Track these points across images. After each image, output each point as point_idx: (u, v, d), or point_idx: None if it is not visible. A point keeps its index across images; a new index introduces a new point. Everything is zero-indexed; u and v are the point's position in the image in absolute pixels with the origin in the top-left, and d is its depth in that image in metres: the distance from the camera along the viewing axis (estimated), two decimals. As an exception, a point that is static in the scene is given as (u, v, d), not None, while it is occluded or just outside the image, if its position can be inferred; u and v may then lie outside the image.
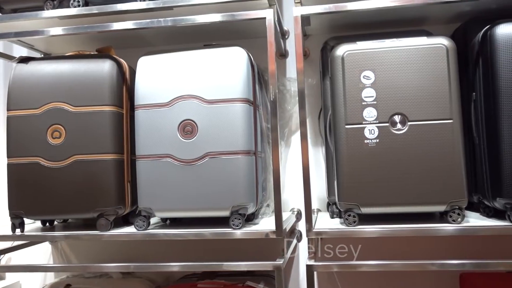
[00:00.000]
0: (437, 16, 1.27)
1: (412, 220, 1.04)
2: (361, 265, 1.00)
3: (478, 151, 1.06)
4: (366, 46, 1.02)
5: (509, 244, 1.29)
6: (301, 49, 1.04)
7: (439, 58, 0.99)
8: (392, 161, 0.99)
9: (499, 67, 0.97)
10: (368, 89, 1.01)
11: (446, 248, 1.33)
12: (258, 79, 1.18)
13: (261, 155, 1.16)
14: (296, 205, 1.41)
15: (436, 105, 0.99)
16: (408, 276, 1.35)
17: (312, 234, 1.02)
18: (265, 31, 1.05)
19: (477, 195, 1.09)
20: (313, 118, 1.39)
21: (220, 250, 1.39)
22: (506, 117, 0.96)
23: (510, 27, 0.97)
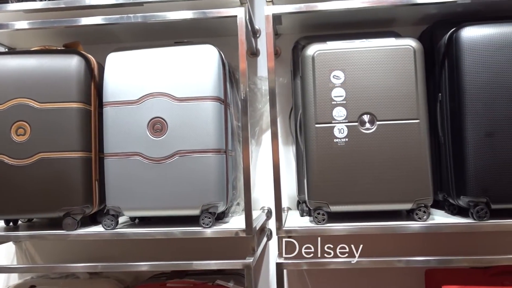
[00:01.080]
0: (405, 18, 1.30)
1: (380, 218, 1.06)
2: (329, 262, 1.01)
3: (443, 150, 1.09)
4: (336, 46, 1.03)
5: (472, 240, 1.32)
6: (272, 48, 1.05)
7: (407, 59, 1.01)
8: (361, 160, 1.00)
9: (464, 68, 0.99)
10: (337, 89, 1.02)
11: (413, 245, 1.36)
12: (229, 77, 1.17)
13: (232, 154, 1.16)
14: (267, 203, 1.41)
15: (403, 105, 1.01)
16: (376, 273, 1.38)
17: (282, 233, 1.03)
18: (237, 29, 1.05)
19: (442, 193, 1.12)
20: (283, 117, 1.40)
21: (190, 249, 1.38)
22: (470, 118, 0.99)
23: (475, 30, 1.00)
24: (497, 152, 0.97)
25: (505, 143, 0.97)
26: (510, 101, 0.97)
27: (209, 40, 1.11)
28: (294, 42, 1.26)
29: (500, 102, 0.98)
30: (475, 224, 0.98)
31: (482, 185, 0.97)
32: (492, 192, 0.97)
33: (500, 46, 0.98)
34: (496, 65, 0.98)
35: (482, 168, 0.98)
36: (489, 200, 0.98)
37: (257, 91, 1.39)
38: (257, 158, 1.42)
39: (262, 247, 1.30)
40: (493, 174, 0.97)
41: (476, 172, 0.98)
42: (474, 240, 1.33)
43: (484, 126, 0.98)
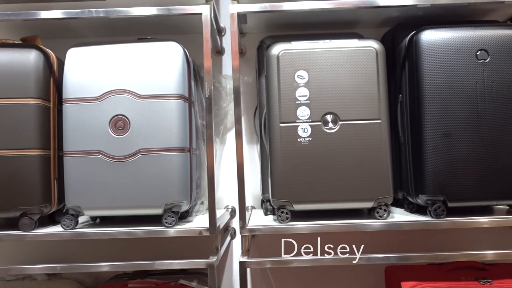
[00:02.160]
0: (368, 20, 1.33)
1: (343, 216, 1.07)
2: (292, 260, 1.02)
3: (403, 150, 1.12)
4: (300, 46, 1.04)
5: (430, 237, 1.37)
6: (237, 46, 1.05)
7: (369, 61, 1.03)
8: (324, 159, 1.02)
9: (423, 71, 1.02)
10: (302, 89, 1.03)
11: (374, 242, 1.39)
12: (194, 75, 1.16)
13: (196, 152, 1.15)
14: (231, 202, 1.41)
15: (365, 106, 1.03)
16: (338, 270, 1.40)
17: (245, 231, 1.03)
18: (202, 27, 1.04)
19: (402, 192, 1.15)
20: (248, 116, 1.40)
21: (153, 249, 1.36)
22: (429, 118, 1.02)
23: (434, 33, 1.03)
24: (454, 152, 1.01)
25: (461, 143, 1.01)
26: (465, 103, 1.01)
27: (174, 37, 1.09)
28: (259, 41, 1.26)
29: (456, 103, 1.01)
30: (433, 222, 1.02)
31: (439, 184, 1.01)
32: (449, 191, 1.01)
33: (457, 49, 1.02)
34: (453, 68, 1.01)
35: (439, 167, 1.01)
36: (446, 198, 1.01)
37: (221, 89, 1.39)
38: (221, 156, 1.41)
39: (226, 246, 1.30)
40: (449, 173, 1.01)
41: (433, 172, 1.01)
42: (432, 237, 1.37)
43: (442, 126, 1.01)
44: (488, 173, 1.01)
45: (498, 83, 1.01)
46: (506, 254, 1.04)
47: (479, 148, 1.01)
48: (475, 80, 1.01)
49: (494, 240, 1.40)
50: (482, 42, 1.02)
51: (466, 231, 1.39)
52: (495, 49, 1.02)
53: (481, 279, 1.05)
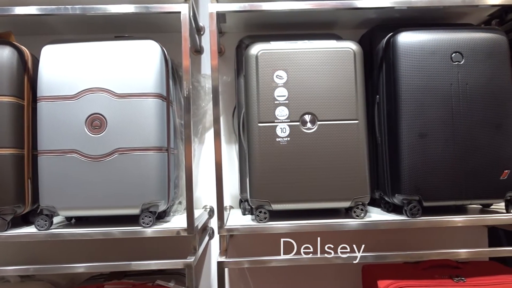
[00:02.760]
0: (346, 21, 1.34)
1: (321, 216, 1.08)
2: (271, 260, 1.02)
3: (380, 150, 1.13)
4: (279, 46, 1.05)
5: (406, 236, 1.39)
6: (216, 46, 1.04)
7: (347, 61, 1.04)
8: (302, 159, 1.02)
9: (400, 72, 1.04)
10: (280, 89, 1.03)
11: (352, 241, 1.41)
12: (172, 74, 1.15)
13: (174, 152, 1.14)
14: (209, 202, 1.41)
15: (343, 106, 1.04)
16: (315, 269, 1.41)
17: (223, 231, 1.02)
18: (180, 26, 1.03)
19: (379, 192, 1.16)
20: (227, 116, 1.40)
21: (130, 249, 1.35)
22: (405, 119, 1.03)
23: (411, 35, 1.05)
24: (429, 153, 1.02)
25: (436, 144, 1.02)
26: (440, 104, 1.03)
27: (152, 35, 1.08)
28: (238, 41, 1.26)
29: (432, 104, 1.03)
30: (409, 221, 1.03)
31: (415, 184, 1.02)
32: (424, 191, 1.02)
33: (432, 51, 1.03)
34: (428, 69, 1.03)
35: (415, 167, 1.02)
36: (421, 198, 1.03)
37: (200, 89, 1.38)
38: (199, 156, 1.41)
39: (204, 246, 1.29)
40: (425, 174, 1.02)
41: (409, 172, 1.02)
42: (408, 236, 1.39)
43: (418, 127, 1.03)
44: (462, 173, 1.03)
45: (472, 85, 1.04)
46: (479, 253, 1.07)
47: (454, 148, 1.03)
48: (450, 81, 1.03)
49: (468, 238, 1.43)
50: (456, 45, 1.04)
51: (440, 230, 1.41)
52: (469, 51, 1.04)
53: (455, 277, 1.08)
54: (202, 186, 1.41)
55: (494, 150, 1.04)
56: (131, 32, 1.31)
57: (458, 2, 1.07)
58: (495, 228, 1.43)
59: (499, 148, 1.04)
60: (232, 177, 1.40)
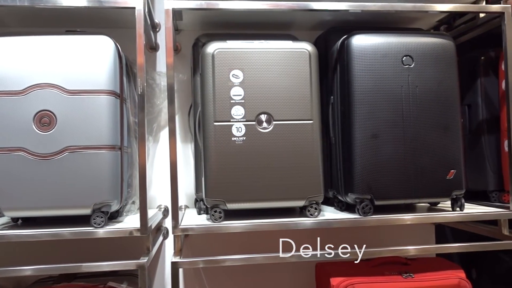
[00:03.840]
0: (302, 23, 1.35)
1: (276, 215, 1.09)
2: (225, 260, 1.02)
3: (334, 150, 1.15)
4: (235, 45, 1.04)
5: (358, 234, 1.42)
6: (171, 43, 1.03)
7: (302, 62, 1.06)
8: (257, 158, 1.02)
9: (354, 74, 1.06)
10: (236, 88, 1.03)
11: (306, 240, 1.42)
12: (126, 71, 1.13)
13: (128, 151, 1.12)
14: (164, 201, 1.39)
15: (298, 106, 1.05)
16: (271, 268, 1.42)
17: (178, 231, 1.01)
18: (135, 21, 1.01)
19: (332, 191, 1.18)
20: (183, 114, 1.38)
21: (82, 251, 1.31)
22: (358, 120, 1.06)
23: (364, 38, 1.07)
24: (380, 153, 1.05)
25: (387, 144, 1.05)
26: (392, 106, 1.06)
27: (106, 31, 1.06)
28: (194, 39, 1.25)
29: (383, 106, 1.06)
30: (361, 219, 1.06)
31: (367, 183, 1.05)
32: (376, 190, 1.05)
33: (384, 54, 1.06)
34: (381, 72, 1.06)
35: (367, 167, 1.05)
36: (373, 197, 1.06)
37: (155, 86, 1.36)
38: (154, 155, 1.38)
39: (158, 246, 1.28)
40: (376, 173, 1.05)
41: (362, 171, 1.05)
42: (360, 234, 1.43)
43: (370, 128, 1.05)
44: (411, 173, 1.06)
45: (421, 88, 1.07)
46: (427, 249, 1.11)
47: (404, 149, 1.06)
48: (400, 84, 1.07)
49: (416, 236, 1.49)
50: (407, 49, 1.07)
51: (391, 228, 1.46)
52: (419, 55, 1.08)
53: (404, 273, 1.11)
54: (156, 186, 1.38)
55: (442, 151, 1.08)
56: (84, 27, 1.27)
57: (409, 7, 1.11)
58: (441, 225, 1.49)
59: (446, 149, 1.08)
60: (187, 176, 1.39)
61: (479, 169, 1.28)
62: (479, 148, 1.28)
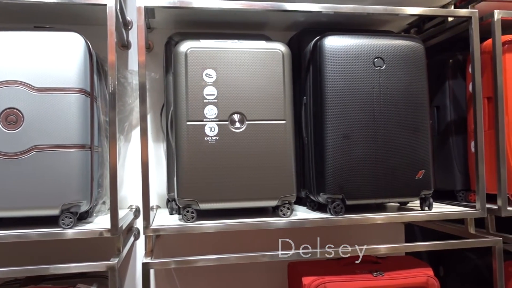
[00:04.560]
0: (276, 23, 1.36)
1: (249, 215, 1.09)
2: (197, 260, 1.01)
3: (307, 150, 1.16)
4: (209, 44, 1.04)
5: (330, 234, 1.44)
6: (143, 41, 1.02)
7: (276, 63, 1.06)
8: (230, 158, 1.02)
9: (326, 74, 1.07)
10: (209, 87, 1.03)
11: (277, 239, 1.43)
12: (97, 69, 1.11)
13: (98, 150, 1.10)
14: (135, 202, 1.37)
15: (271, 107, 1.05)
16: (243, 268, 1.42)
17: (149, 232, 1.00)
18: (106, 18, 0.99)
19: (305, 191, 1.19)
20: (155, 113, 1.37)
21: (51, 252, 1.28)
22: (330, 121, 1.07)
23: (337, 39, 1.08)
24: (352, 153, 1.07)
25: (358, 145, 1.07)
26: (363, 107, 1.08)
27: (77, 28, 1.03)
28: (167, 37, 1.24)
29: (355, 107, 1.07)
30: (332, 219, 1.07)
31: (338, 183, 1.06)
32: (347, 189, 1.07)
33: (356, 56, 1.08)
34: (352, 73, 1.07)
35: (339, 167, 1.06)
36: (344, 196, 1.07)
37: (127, 85, 1.34)
38: (125, 155, 1.36)
39: (129, 247, 1.26)
40: (348, 173, 1.06)
41: (333, 171, 1.06)
42: (331, 233, 1.44)
43: (342, 129, 1.06)
44: (382, 173, 1.08)
45: (392, 89, 1.09)
46: (396, 248, 1.13)
47: (375, 149, 1.08)
48: (372, 85, 1.08)
49: (386, 235, 1.51)
50: (379, 51, 1.09)
51: (362, 227, 1.48)
52: (390, 57, 1.10)
53: (374, 272, 1.13)
54: (128, 186, 1.37)
55: (411, 152, 1.10)
56: (54, 23, 1.25)
57: (380, 10, 1.13)
58: (411, 224, 1.52)
59: (415, 150, 1.10)
60: (159, 176, 1.38)
61: (447, 169, 1.31)
62: (447, 149, 1.31)
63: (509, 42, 1.17)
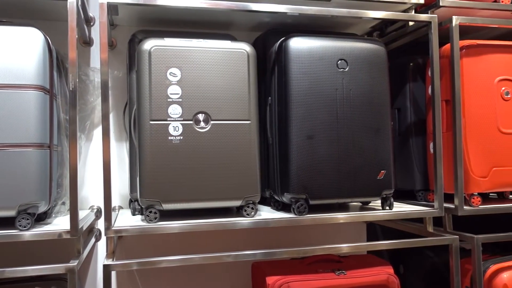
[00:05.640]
0: (241, 23, 1.36)
1: (213, 215, 1.08)
2: (161, 261, 1.00)
3: (271, 150, 1.16)
4: (173, 43, 1.03)
5: (293, 233, 1.45)
6: (106, 38, 0.99)
7: (241, 63, 1.06)
8: (194, 158, 1.02)
9: (291, 75, 1.08)
10: (174, 86, 1.02)
11: (243, 240, 1.43)
12: (57, 65, 1.08)
13: (57, 149, 1.07)
14: (97, 202, 1.34)
15: (236, 106, 1.05)
16: (208, 269, 1.41)
17: (111, 233, 0.98)
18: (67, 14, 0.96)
19: (269, 191, 1.20)
20: (118, 112, 1.34)
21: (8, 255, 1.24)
22: (294, 121, 1.08)
23: (301, 40, 1.09)
24: (315, 154, 1.08)
25: (322, 145, 1.08)
26: (327, 108, 1.09)
27: (36, 23, 1.00)
28: (131, 34, 1.22)
29: (319, 108, 1.08)
30: (296, 219, 1.08)
31: (302, 183, 1.07)
32: (311, 189, 1.08)
33: (320, 57, 1.09)
34: (316, 74, 1.09)
35: (302, 167, 1.07)
36: (308, 196, 1.08)
37: (89, 83, 1.31)
38: (87, 154, 1.33)
39: (90, 248, 1.23)
40: (311, 173, 1.08)
41: (297, 171, 1.07)
42: (295, 233, 1.45)
43: (306, 129, 1.07)
44: (345, 173, 1.10)
45: (355, 91, 1.11)
46: (358, 247, 1.15)
47: (338, 150, 1.09)
48: (335, 87, 1.10)
49: (349, 234, 1.54)
50: (342, 53, 1.11)
51: (325, 226, 1.50)
52: (353, 60, 1.11)
53: (337, 271, 1.15)
54: (89, 186, 1.33)
55: (373, 152, 1.12)
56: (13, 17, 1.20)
57: (344, 13, 1.14)
58: (372, 223, 1.56)
59: (377, 151, 1.13)
60: (122, 176, 1.35)
61: (407, 170, 1.34)
62: (407, 150, 1.34)
63: (467, 47, 1.21)
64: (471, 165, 1.19)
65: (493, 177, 1.21)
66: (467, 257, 1.22)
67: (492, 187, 1.21)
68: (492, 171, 1.21)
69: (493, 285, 1.19)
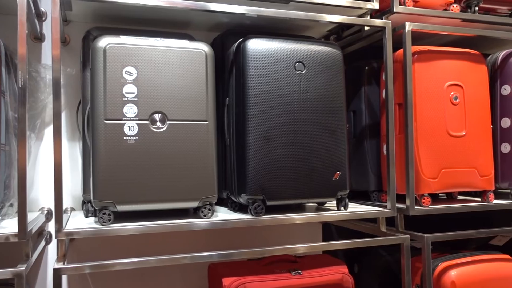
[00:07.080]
0: (199, 23, 1.35)
1: (170, 216, 1.07)
2: (114, 264, 0.98)
3: (229, 151, 1.16)
4: (130, 41, 1.01)
5: (250, 234, 1.45)
6: (58, 34, 0.96)
7: (199, 63, 1.05)
8: (150, 158, 1.00)
9: (248, 77, 1.08)
10: (129, 85, 0.99)
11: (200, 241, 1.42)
12: (6, 61, 1.03)
13: (5, 148, 1.02)
14: (48, 204, 1.29)
15: (194, 107, 1.04)
16: (163, 271, 1.39)
17: (62, 235, 0.95)
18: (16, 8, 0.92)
19: (226, 192, 1.19)
20: (70, 111, 1.30)
21: None
22: (251, 122, 1.08)
23: (259, 42, 1.10)
24: (272, 155, 1.09)
25: (278, 146, 1.09)
26: (284, 109, 1.10)
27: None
28: (85, 31, 1.18)
29: (276, 109, 1.09)
30: (253, 219, 1.08)
31: (259, 184, 1.07)
32: (268, 190, 1.08)
33: (278, 59, 1.10)
34: (274, 76, 1.09)
35: (259, 168, 1.07)
36: (265, 197, 1.08)
37: (40, 80, 1.26)
38: (37, 154, 1.28)
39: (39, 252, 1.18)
40: (268, 174, 1.08)
41: (254, 172, 1.07)
42: (252, 234, 1.46)
43: (263, 130, 1.08)
44: (301, 174, 1.11)
45: (312, 93, 1.13)
46: (314, 247, 1.16)
47: (294, 151, 1.11)
48: (293, 89, 1.11)
49: (305, 234, 1.56)
50: (299, 55, 1.12)
51: (282, 227, 1.51)
52: (310, 62, 1.13)
53: (293, 271, 1.16)
54: (39, 187, 1.28)
55: (329, 154, 1.14)
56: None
57: (302, 16, 1.16)
58: (328, 224, 1.58)
59: (332, 152, 1.15)
60: (75, 177, 1.31)
61: (362, 171, 1.37)
62: (362, 152, 1.37)
63: (418, 53, 1.25)
64: (422, 167, 1.24)
65: (442, 178, 1.26)
66: (418, 256, 1.26)
67: (441, 188, 1.26)
68: (442, 172, 1.25)
69: (442, 282, 1.23)
